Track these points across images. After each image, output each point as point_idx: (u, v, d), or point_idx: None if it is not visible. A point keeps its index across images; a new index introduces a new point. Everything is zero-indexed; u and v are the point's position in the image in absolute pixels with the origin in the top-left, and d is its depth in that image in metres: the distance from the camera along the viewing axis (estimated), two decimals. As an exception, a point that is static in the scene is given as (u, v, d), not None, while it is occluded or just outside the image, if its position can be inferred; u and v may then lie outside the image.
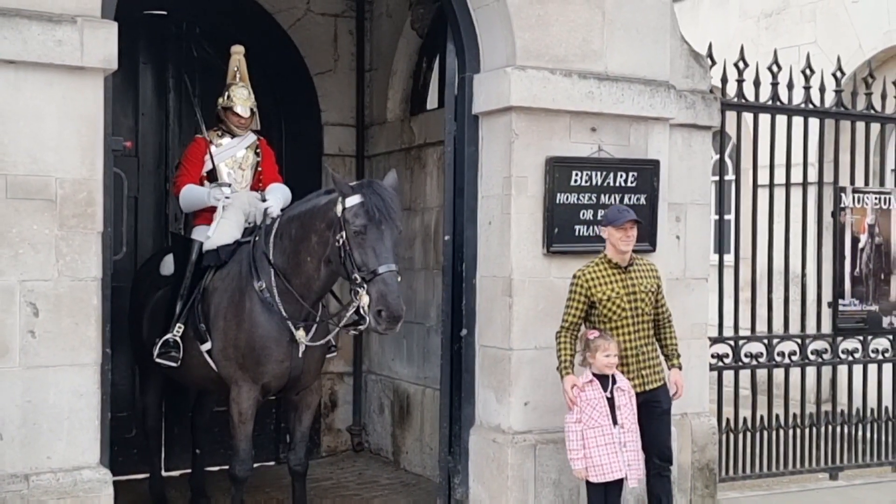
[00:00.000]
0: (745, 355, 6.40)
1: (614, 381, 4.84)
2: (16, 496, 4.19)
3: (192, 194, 5.51)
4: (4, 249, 4.21)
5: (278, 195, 5.48)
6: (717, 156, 6.62)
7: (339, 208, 4.65)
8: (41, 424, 4.29)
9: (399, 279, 4.60)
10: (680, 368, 5.19)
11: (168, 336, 5.16)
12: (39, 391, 4.28)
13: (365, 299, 4.51)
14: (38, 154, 4.26)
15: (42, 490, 4.25)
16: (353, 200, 4.61)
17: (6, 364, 4.22)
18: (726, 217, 7.24)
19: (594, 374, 4.86)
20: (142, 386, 6.04)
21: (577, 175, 5.39)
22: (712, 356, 6.22)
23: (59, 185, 4.30)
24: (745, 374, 6.54)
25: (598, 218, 5.36)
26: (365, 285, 4.51)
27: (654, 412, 5.00)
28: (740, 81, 6.35)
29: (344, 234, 4.60)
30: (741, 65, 6.33)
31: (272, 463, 6.95)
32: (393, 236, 4.62)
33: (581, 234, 5.43)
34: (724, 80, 6.33)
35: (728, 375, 6.40)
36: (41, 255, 4.27)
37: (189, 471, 6.16)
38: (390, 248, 4.58)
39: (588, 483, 4.87)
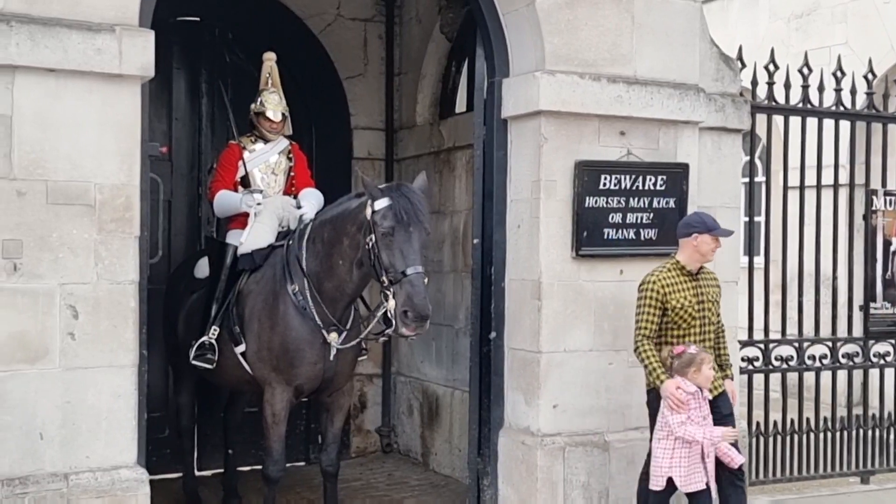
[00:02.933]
0: (776, 358, 6.38)
1: (700, 392, 4.79)
2: (56, 495, 4.28)
3: (225, 200, 5.58)
4: (45, 253, 4.30)
5: (312, 200, 5.55)
6: (748, 158, 6.60)
7: (368, 211, 4.71)
8: (80, 425, 4.37)
9: (426, 281, 4.64)
10: (732, 379, 5.17)
11: (204, 338, 5.23)
12: (79, 392, 4.36)
13: (391, 302, 4.56)
14: (77, 160, 4.35)
15: (81, 489, 4.33)
16: (382, 203, 4.67)
17: (47, 365, 4.31)
18: (756, 219, 7.21)
19: None
20: (176, 387, 6.14)
21: (605, 179, 5.41)
22: (742, 359, 6.21)
23: (98, 190, 4.38)
24: (775, 378, 6.52)
25: (627, 221, 5.40)
26: (392, 287, 4.57)
27: (717, 419, 4.92)
28: (771, 84, 6.34)
29: (373, 236, 4.66)
30: (771, 67, 6.31)
31: (302, 463, 7.03)
32: (421, 238, 4.67)
33: (610, 237, 5.45)
34: (755, 82, 6.33)
35: (758, 379, 6.39)
36: (80, 258, 4.35)
37: (221, 470, 6.24)
38: (418, 250, 4.63)
39: (652, 491, 4.82)
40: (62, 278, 4.33)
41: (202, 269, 5.68)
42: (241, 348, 5.18)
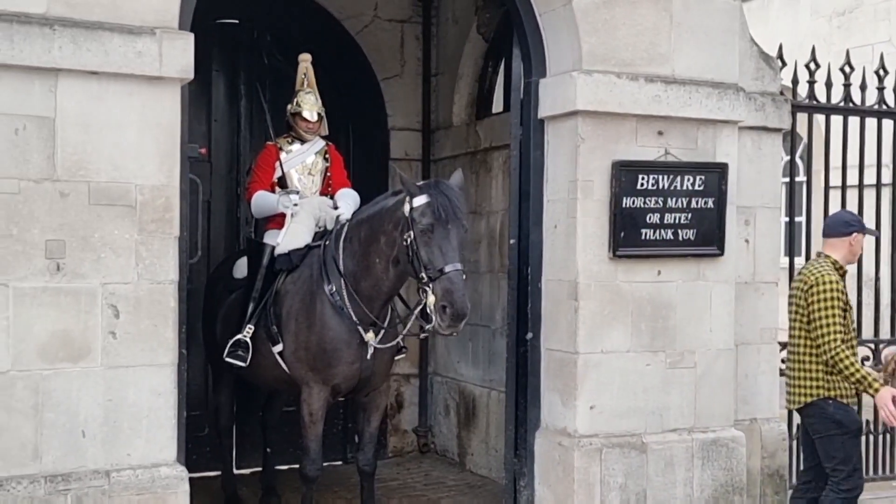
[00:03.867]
0: (817, 360, 6.30)
1: None
2: (97, 492, 4.34)
3: (262, 201, 5.62)
4: (87, 254, 4.36)
5: (349, 201, 5.58)
6: (788, 157, 6.53)
7: (406, 208, 4.72)
8: (121, 423, 4.43)
9: (465, 278, 4.64)
10: None
11: (238, 336, 5.28)
12: (120, 390, 4.42)
13: (431, 299, 4.57)
14: (119, 161, 4.40)
15: (122, 486, 4.39)
16: (421, 200, 4.68)
17: (89, 364, 4.37)
18: (797, 219, 7.13)
19: None
20: (215, 386, 6.19)
21: (643, 179, 5.38)
22: (783, 361, 6.12)
23: (138, 191, 4.43)
24: (816, 380, 6.43)
25: (665, 221, 5.37)
26: (431, 284, 4.58)
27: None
28: (811, 83, 6.26)
29: (411, 233, 4.67)
30: (812, 66, 6.24)
31: (340, 462, 7.05)
32: (459, 235, 4.67)
33: (647, 237, 5.41)
34: (795, 81, 6.26)
35: (798, 381, 6.30)
36: (122, 258, 4.41)
37: (260, 469, 6.29)
38: (456, 248, 4.63)
39: None
40: (104, 278, 4.38)
41: (241, 269, 5.71)
42: (278, 348, 5.21)
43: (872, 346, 6.48)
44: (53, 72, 4.28)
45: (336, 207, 5.55)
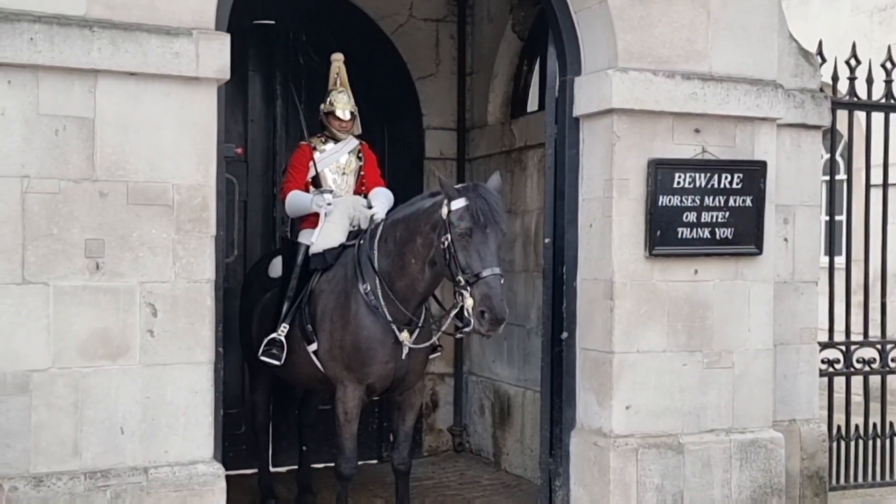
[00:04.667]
0: (858, 361, 6.23)
1: None
2: (136, 488, 4.39)
3: (296, 200, 5.65)
4: (126, 253, 4.41)
5: (383, 200, 5.59)
6: (828, 155, 6.43)
7: (444, 211, 4.72)
8: (159, 420, 4.48)
9: (502, 282, 4.64)
10: None
11: (273, 335, 5.31)
12: (158, 388, 4.47)
13: (469, 302, 4.57)
14: (156, 161, 4.45)
15: (160, 483, 4.43)
16: (459, 203, 4.67)
17: (127, 362, 4.42)
18: (838, 218, 7.03)
19: None
20: (251, 384, 6.23)
21: (680, 177, 5.33)
22: (823, 361, 6.07)
23: (175, 191, 4.48)
24: (857, 381, 6.35)
25: (702, 220, 5.32)
26: (469, 288, 4.58)
27: None
28: (852, 79, 6.17)
29: (449, 236, 4.68)
30: (853, 62, 6.15)
31: (375, 461, 7.08)
32: (497, 239, 4.68)
33: (684, 236, 5.36)
34: (836, 77, 6.18)
35: (839, 381, 6.24)
36: (159, 257, 4.46)
37: (296, 467, 6.32)
38: (494, 252, 4.63)
39: None
40: (142, 277, 4.44)
41: (276, 268, 5.74)
42: (313, 347, 5.23)
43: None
44: (93, 73, 4.34)
45: (370, 206, 5.56)
